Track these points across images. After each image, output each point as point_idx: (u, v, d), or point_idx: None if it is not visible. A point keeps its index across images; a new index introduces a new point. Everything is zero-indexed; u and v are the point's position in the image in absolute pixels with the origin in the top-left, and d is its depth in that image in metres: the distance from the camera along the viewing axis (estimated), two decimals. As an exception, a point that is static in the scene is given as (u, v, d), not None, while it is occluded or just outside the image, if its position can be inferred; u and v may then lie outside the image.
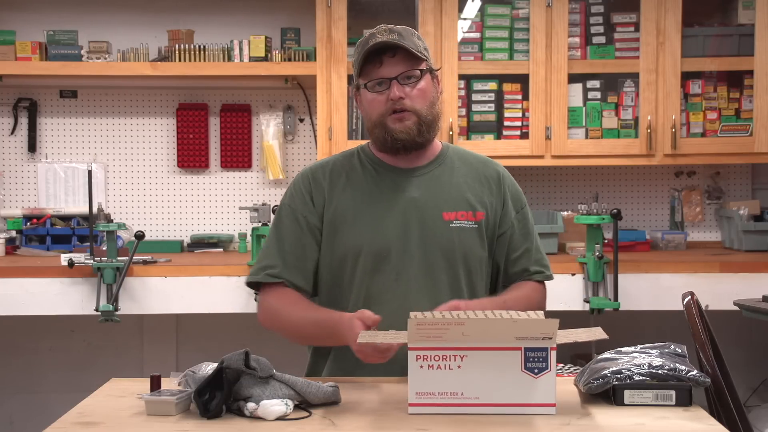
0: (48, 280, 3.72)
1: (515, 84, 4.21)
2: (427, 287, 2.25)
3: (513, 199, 2.38)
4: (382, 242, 2.26)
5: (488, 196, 2.34)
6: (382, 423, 1.80)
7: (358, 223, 2.27)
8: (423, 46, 2.28)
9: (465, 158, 2.40)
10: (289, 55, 4.28)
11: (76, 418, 1.85)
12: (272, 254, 2.31)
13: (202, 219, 4.61)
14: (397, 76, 2.23)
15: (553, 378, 1.83)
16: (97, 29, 4.45)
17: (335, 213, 2.29)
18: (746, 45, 4.16)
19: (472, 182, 2.35)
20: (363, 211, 2.28)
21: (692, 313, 2.36)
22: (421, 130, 2.26)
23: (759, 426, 3.73)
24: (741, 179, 4.62)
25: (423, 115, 2.26)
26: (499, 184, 2.37)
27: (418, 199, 2.29)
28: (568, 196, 4.61)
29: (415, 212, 2.28)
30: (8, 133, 4.54)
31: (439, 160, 2.36)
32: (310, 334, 2.27)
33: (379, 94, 2.25)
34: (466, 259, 2.29)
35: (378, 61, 2.24)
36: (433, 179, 2.33)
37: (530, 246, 2.37)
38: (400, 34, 2.24)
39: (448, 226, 2.28)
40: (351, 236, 2.27)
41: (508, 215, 2.35)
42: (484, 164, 2.40)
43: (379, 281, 2.25)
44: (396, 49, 2.23)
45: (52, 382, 4.55)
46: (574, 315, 3.74)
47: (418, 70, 2.25)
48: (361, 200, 2.29)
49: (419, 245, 2.26)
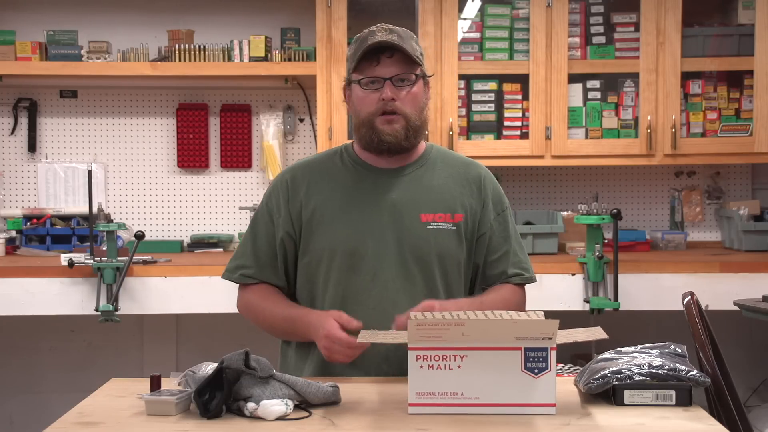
0: (48, 280, 3.72)
1: (515, 84, 4.21)
2: (404, 288, 2.25)
3: (493, 201, 2.38)
4: (358, 243, 2.27)
5: (468, 198, 2.34)
6: (382, 423, 1.80)
7: (335, 223, 2.28)
8: (420, 51, 2.29)
9: (448, 160, 2.40)
10: (289, 55, 4.28)
11: (76, 418, 1.85)
12: (247, 253, 2.36)
13: (202, 219, 4.61)
14: (392, 78, 2.24)
15: (553, 378, 1.83)
16: (97, 29, 4.45)
17: (313, 213, 2.31)
18: (746, 45, 4.16)
19: (453, 184, 2.35)
20: (340, 212, 2.29)
21: (692, 313, 2.36)
22: (408, 134, 2.27)
23: (759, 426, 3.73)
24: (741, 179, 4.62)
25: (412, 119, 2.26)
26: (480, 186, 2.37)
27: (397, 200, 2.29)
28: (568, 196, 4.60)
29: (393, 213, 2.28)
30: (8, 133, 4.54)
31: (422, 161, 2.36)
32: (282, 329, 2.33)
33: (371, 92, 2.25)
34: (442, 261, 2.29)
35: (375, 60, 2.24)
36: (414, 180, 2.33)
37: (509, 249, 2.36)
38: (400, 36, 2.24)
39: (425, 227, 2.28)
40: (327, 236, 2.28)
41: (487, 217, 2.35)
42: (467, 166, 2.40)
43: (355, 282, 2.26)
44: (394, 50, 2.23)
45: (52, 382, 4.55)
46: (574, 315, 3.74)
47: (413, 75, 2.26)
48: (340, 201, 2.31)
49: (395, 246, 2.26)
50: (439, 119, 4.13)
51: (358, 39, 2.28)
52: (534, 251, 4.09)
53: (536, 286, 2.52)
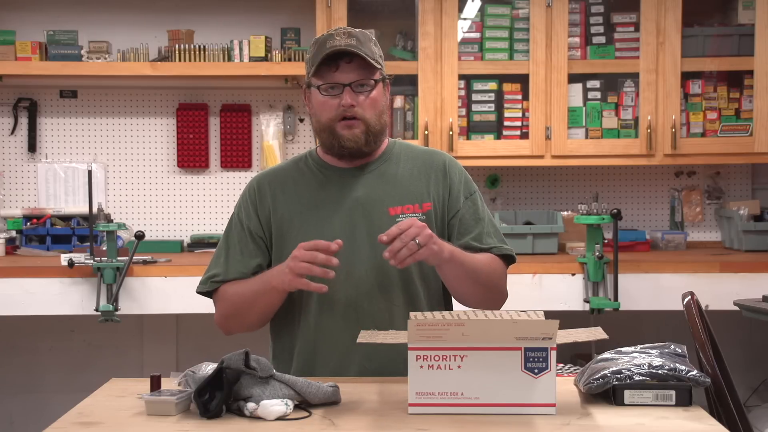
0: (48, 280, 3.72)
1: (515, 84, 4.21)
2: (378, 283, 2.25)
3: (460, 185, 2.37)
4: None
5: (435, 186, 2.35)
6: (382, 423, 1.80)
7: (304, 226, 2.29)
8: (379, 53, 2.29)
9: (410, 152, 2.41)
10: (289, 55, 4.28)
11: (76, 418, 1.85)
12: (219, 263, 2.36)
13: (202, 219, 4.61)
14: (351, 84, 2.24)
15: (553, 378, 1.83)
16: (97, 29, 4.45)
17: (282, 220, 2.32)
18: (746, 45, 4.17)
19: (417, 174, 2.35)
20: (309, 215, 2.30)
21: (692, 313, 2.36)
22: (369, 139, 2.27)
23: (759, 426, 3.73)
24: (741, 179, 4.62)
25: (372, 124, 2.27)
26: (444, 172, 2.36)
27: (363, 197, 2.30)
28: (568, 196, 4.61)
29: (361, 210, 2.29)
30: (8, 133, 4.54)
31: (385, 156, 2.37)
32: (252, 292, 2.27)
33: (331, 98, 2.25)
34: None
35: (334, 65, 2.24)
36: (379, 176, 2.34)
37: (482, 230, 2.35)
38: (359, 39, 2.24)
39: (394, 221, 2.27)
40: (297, 240, 2.26)
41: (454, 201, 2.35)
42: (430, 155, 2.41)
43: (329, 281, 2.25)
44: (353, 56, 2.23)
45: (52, 382, 4.55)
46: (574, 315, 3.74)
47: (372, 80, 2.26)
48: (307, 205, 2.32)
49: (367, 242, 2.27)
50: (439, 119, 4.13)
51: (316, 42, 2.28)
52: (534, 251, 4.09)
53: (536, 286, 2.52)
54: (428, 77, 4.14)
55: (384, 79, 2.31)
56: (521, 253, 3.67)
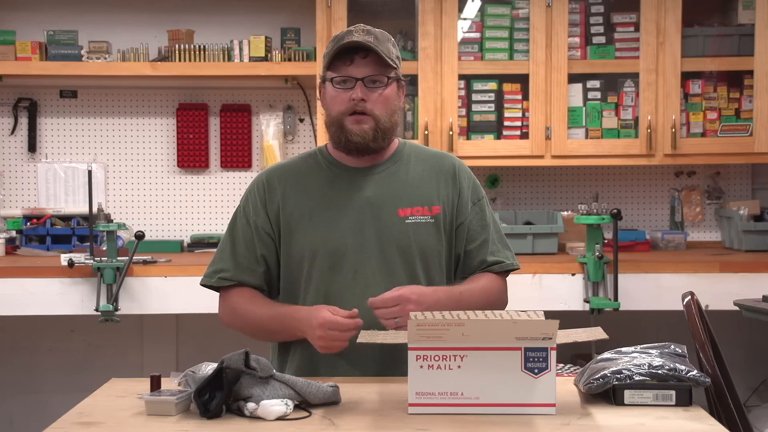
0: (48, 280, 3.72)
1: (515, 84, 4.21)
2: (386, 284, 2.25)
3: (469, 190, 2.38)
4: (338, 241, 2.27)
5: (444, 190, 2.35)
6: (382, 423, 1.80)
7: (313, 223, 2.29)
8: (396, 54, 2.29)
9: (421, 154, 2.41)
10: (289, 55, 4.28)
11: (76, 418, 1.85)
12: (225, 258, 2.35)
13: (202, 219, 4.61)
14: (364, 78, 2.24)
15: (553, 378, 1.83)
16: (97, 29, 4.45)
17: (291, 216, 2.31)
18: (746, 45, 4.16)
19: (427, 177, 2.35)
20: (318, 212, 2.30)
21: (692, 313, 2.36)
22: (377, 136, 2.27)
23: (759, 426, 3.73)
24: (741, 179, 4.62)
25: (381, 121, 2.27)
26: (454, 176, 2.37)
27: (373, 197, 2.30)
28: (568, 196, 4.61)
29: (371, 210, 2.29)
30: (8, 133, 4.55)
31: (395, 157, 2.37)
32: (270, 329, 2.30)
33: (342, 91, 2.25)
34: (423, 255, 2.30)
35: (349, 59, 2.24)
36: (389, 177, 2.34)
37: (487, 237, 2.36)
38: (377, 38, 2.25)
39: (403, 222, 2.28)
40: (306, 237, 2.28)
41: (463, 206, 2.36)
42: (440, 158, 2.41)
43: (337, 280, 2.27)
44: (368, 51, 2.23)
45: (52, 382, 4.55)
46: (574, 315, 3.74)
47: (386, 77, 2.26)
48: (317, 201, 2.31)
49: (375, 243, 2.27)
50: (439, 119, 4.13)
51: (335, 38, 2.28)
52: (534, 251, 4.09)
53: (536, 286, 2.53)
54: (428, 77, 4.14)
55: (399, 79, 2.31)
56: (521, 253, 3.68)
